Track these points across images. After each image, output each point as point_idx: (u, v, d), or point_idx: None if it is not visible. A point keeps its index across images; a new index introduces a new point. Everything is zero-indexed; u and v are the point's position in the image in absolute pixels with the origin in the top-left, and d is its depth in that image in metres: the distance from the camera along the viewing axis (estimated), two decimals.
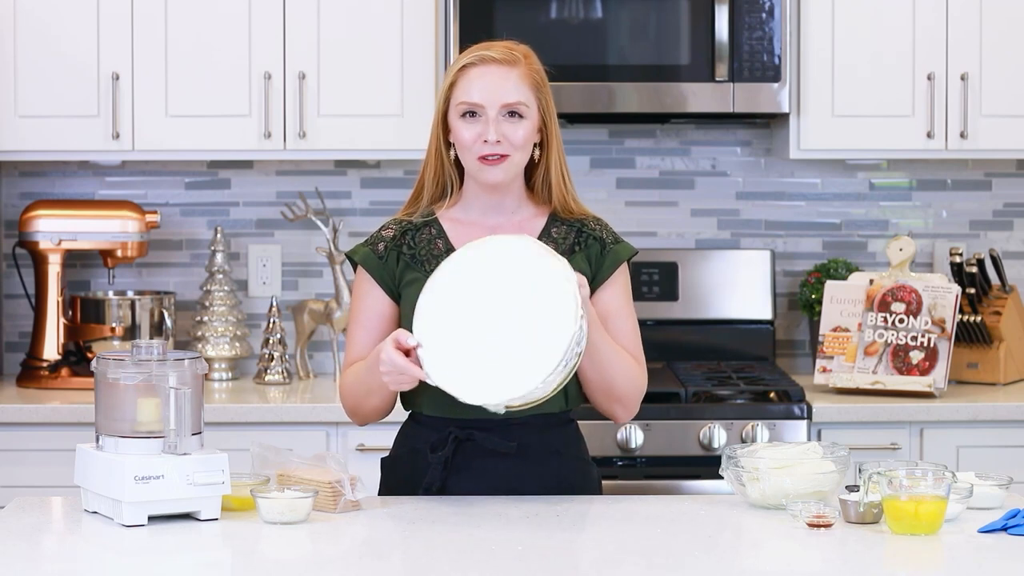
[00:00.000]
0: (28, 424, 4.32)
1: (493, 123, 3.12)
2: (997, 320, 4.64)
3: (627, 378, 3.14)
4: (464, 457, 3.14)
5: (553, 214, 3.24)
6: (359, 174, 4.92)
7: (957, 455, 4.32)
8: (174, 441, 2.89)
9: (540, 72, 3.20)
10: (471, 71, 3.16)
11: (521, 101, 3.14)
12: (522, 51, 3.19)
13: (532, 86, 3.16)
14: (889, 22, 4.58)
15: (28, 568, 2.68)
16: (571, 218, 3.24)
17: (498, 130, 3.12)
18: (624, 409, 3.18)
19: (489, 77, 3.14)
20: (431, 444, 3.16)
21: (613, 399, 3.15)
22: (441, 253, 3.19)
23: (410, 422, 3.26)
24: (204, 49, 4.56)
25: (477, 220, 3.22)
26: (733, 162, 4.96)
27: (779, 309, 4.94)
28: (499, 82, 3.14)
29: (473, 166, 3.16)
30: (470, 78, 3.15)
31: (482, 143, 3.13)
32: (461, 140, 3.15)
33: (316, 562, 2.73)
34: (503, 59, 3.15)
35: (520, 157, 3.16)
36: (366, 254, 3.23)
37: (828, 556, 2.77)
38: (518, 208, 3.24)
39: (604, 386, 3.14)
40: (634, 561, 2.71)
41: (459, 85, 3.16)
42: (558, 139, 3.22)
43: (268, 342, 4.71)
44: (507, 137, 3.13)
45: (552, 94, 3.23)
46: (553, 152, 3.21)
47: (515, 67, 3.16)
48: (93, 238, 4.67)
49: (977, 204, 4.96)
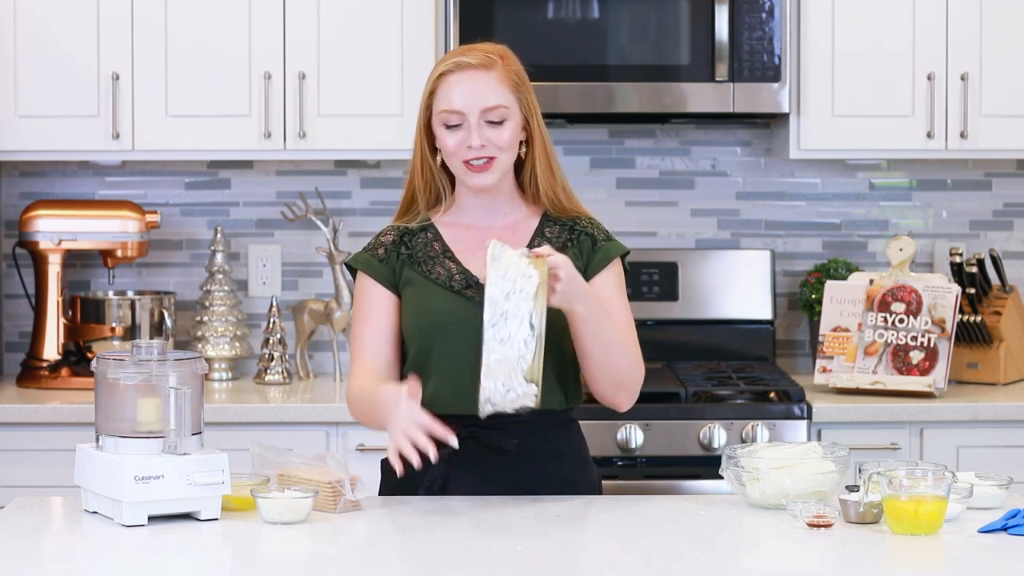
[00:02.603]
0: (28, 424, 4.32)
1: (475, 129, 3.13)
2: (997, 320, 4.64)
3: (631, 364, 3.15)
4: (465, 454, 3.14)
5: (546, 214, 3.25)
6: (359, 174, 4.93)
7: (957, 455, 4.32)
8: (174, 441, 2.89)
9: (519, 71, 3.20)
10: (449, 78, 3.16)
11: (501, 104, 3.15)
12: (499, 52, 3.19)
13: (511, 87, 3.17)
14: (889, 22, 4.58)
15: (28, 568, 2.68)
16: (564, 217, 3.25)
17: (481, 135, 3.13)
18: (628, 396, 3.18)
19: (467, 83, 3.15)
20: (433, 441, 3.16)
21: (617, 385, 3.15)
22: (437, 255, 3.21)
23: None
24: (204, 49, 4.56)
25: (472, 223, 3.24)
26: (733, 162, 4.96)
27: (779, 309, 4.94)
28: (478, 87, 3.15)
29: (461, 172, 3.18)
30: (449, 85, 3.16)
31: (466, 149, 3.14)
32: (446, 148, 3.17)
33: (316, 562, 2.73)
34: (479, 63, 3.16)
35: (506, 158, 3.17)
36: (367, 259, 3.24)
37: (828, 556, 2.77)
38: (511, 209, 3.25)
39: (609, 371, 3.13)
40: (634, 561, 2.71)
41: (438, 93, 3.17)
42: (543, 135, 3.22)
43: (268, 342, 4.71)
44: (491, 141, 3.14)
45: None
46: (538, 148, 3.21)
47: (492, 70, 3.16)
48: (93, 238, 4.67)
49: (977, 204, 4.96)
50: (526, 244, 3.20)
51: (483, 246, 3.18)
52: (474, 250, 3.20)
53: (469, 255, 3.21)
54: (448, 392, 3.13)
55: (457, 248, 3.22)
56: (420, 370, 3.18)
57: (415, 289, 3.17)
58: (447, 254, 3.21)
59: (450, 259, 3.21)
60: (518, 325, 2.93)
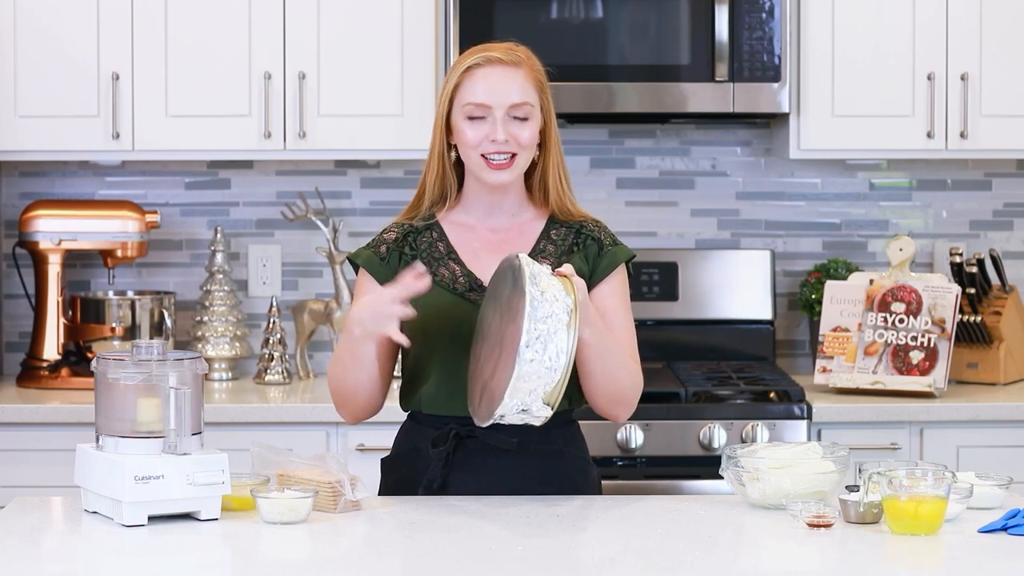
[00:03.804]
0: (28, 424, 4.32)
1: (501, 123, 3.12)
2: (997, 320, 4.64)
3: (631, 381, 3.14)
4: (465, 454, 3.14)
5: (552, 216, 3.25)
6: (359, 174, 4.93)
7: (957, 455, 4.32)
8: (174, 441, 2.89)
9: (542, 73, 3.21)
10: (476, 72, 3.15)
11: (527, 101, 3.15)
12: (524, 52, 3.20)
13: (536, 87, 3.17)
14: (889, 22, 4.58)
15: (28, 568, 2.68)
16: (570, 220, 3.24)
17: (506, 130, 3.13)
18: (625, 410, 3.17)
19: (495, 77, 3.14)
20: (432, 440, 3.16)
21: (616, 401, 3.14)
22: (442, 255, 3.20)
23: (410, 421, 3.26)
24: (204, 49, 4.56)
25: (478, 223, 3.23)
26: (733, 162, 4.96)
27: (779, 309, 4.94)
28: (505, 82, 3.14)
29: (478, 166, 3.16)
30: (475, 79, 3.15)
31: (489, 143, 3.13)
32: (467, 141, 3.14)
33: (316, 562, 2.73)
34: (508, 60, 3.16)
35: (525, 157, 3.17)
36: (368, 256, 3.24)
37: (828, 556, 2.77)
38: (518, 210, 3.24)
39: (608, 388, 3.12)
40: (634, 561, 2.72)
41: (464, 86, 3.16)
42: (557, 141, 3.23)
43: (268, 342, 4.71)
44: (515, 137, 3.14)
45: (551, 95, 3.23)
46: (552, 153, 3.22)
47: (519, 67, 3.16)
48: (93, 238, 4.67)
49: (977, 204, 4.96)
50: (532, 245, 3.20)
51: (488, 247, 3.18)
52: (478, 251, 3.20)
53: (473, 257, 3.20)
54: (448, 393, 3.13)
55: (462, 249, 3.21)
56: (420, 370, 3.18)
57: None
58: (452, 255, 3.21)
59: (455, 260, 3.20)
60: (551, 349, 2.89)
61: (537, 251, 3.19)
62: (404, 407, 3.25)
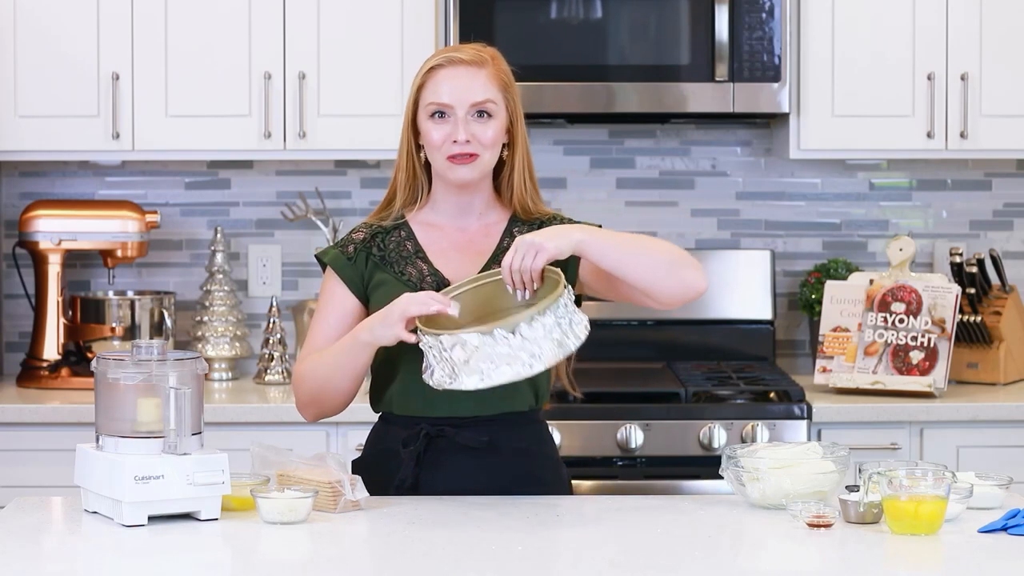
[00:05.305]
0: (28, 424, 4.32)
1: (462, 123, 3.14)
2: (997, 320, 4.64)
3: (667, 246, 3.10)
4: (436, 453, 3.15)
5: (514, 215, 3.25)
6: (359, 174, 4.93)
7: (957, 455, 4.32)
8: (174, 441, 2.89)
9: (508, 73, 3.21)
10: (439, 72, 3.17)
11: (490, 99, 3.16)
12: (490, 53, 3.21)
13: (500, 86, 3.18)
14: (889, 22, 4.58)
15: (28, 568, 2.68)
16: (531, 219, 3.24)
17: (467, 130, 3.14)
18: (693, 271, 3.10)
19: (457, 77, 3.16)
20: (403, 440, 3.17)
21: (671, 273, 3.08)
22: (410, 254, 3.21)
23: (380, 423, 3.27)
24: (204, 49, 4.56)
25: (446, 223, 3.24)
26: (733, 162, 4.96)
27: (779, 309, 4.94)
28: (467, 82, 3.16)
29: (442, 166, 3.17)
30: (438, 79, 3.17)
31: (451, 143, 3.14)
32: (431, 141, 3.16)
33: (316, 562, 2.73)
34: (471, 60, 3.17)
35: (490, 156, 3.18)
36: (335, 255, 3.24)
37: (828, 556, 2.77)
38: (486, 210, 3.25)
39: (655, 264, 3.07)
40: (634, 561, 2.72)
41: (427, 87, 3.18)
42: (524, 140, 3.23)
43: (268, 342, 4.71)
44: (476, 137, 3.15)
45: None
46: (518, 153, 3.22)
47: (483, 67, 3.18)
48: (93, 238, 4.67)
49: (977, 204, 4.96)
50: (495, 245, 3.21)
51: (456, 247, 3.20)
52: (446, 251, 3.21)
53: (441, 256, 3.21)
54: (414, 394, 3.13)
55: (430, 249, 3.22)
56: (388, 371, 3.18)
57: (386, 290, 3.16)
58: (419, 254, 3.21)
59: (422, 259, 3.21)
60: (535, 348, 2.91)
61: (501, 250, 3.19)
62: (375, 408, 3.25)
